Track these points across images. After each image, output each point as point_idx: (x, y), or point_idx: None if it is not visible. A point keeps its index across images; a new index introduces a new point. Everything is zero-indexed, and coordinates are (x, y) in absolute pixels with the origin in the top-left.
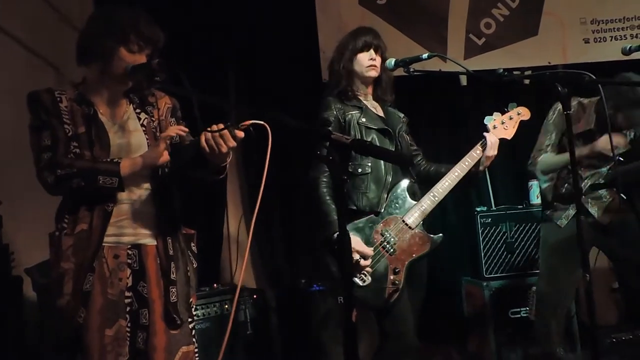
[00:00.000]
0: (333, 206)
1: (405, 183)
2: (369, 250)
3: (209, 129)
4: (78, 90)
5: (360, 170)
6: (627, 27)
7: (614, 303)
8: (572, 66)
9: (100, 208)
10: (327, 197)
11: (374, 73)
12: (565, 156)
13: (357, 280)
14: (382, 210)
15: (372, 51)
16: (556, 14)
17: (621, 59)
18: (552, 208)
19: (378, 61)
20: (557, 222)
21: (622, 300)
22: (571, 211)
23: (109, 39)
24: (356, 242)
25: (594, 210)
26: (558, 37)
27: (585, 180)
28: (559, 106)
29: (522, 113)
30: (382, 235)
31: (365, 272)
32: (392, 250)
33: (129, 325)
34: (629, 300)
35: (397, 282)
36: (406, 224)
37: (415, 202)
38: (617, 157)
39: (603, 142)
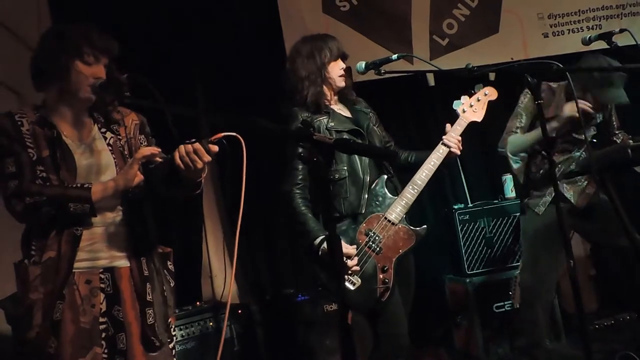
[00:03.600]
0: (310, 215)
1: (382, 179)
2: (352, 249)
3: (182, 146)
4: (39, 113)
5: (337, 175)
6: (582, 20)
7: (592, 290)
8: (534, 60)
9: (68, 233)
10: (303, 207)
11: (344, 82)
12: (533, 134)
13: (347, 284)
14: (363, 211)
15: (340, 61)
16: (514, 11)
17: (581, 50)
18: (529, 196)
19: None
20: (535, 209)
21: (601, 287)
22: (548, 197)
23: (62, 55)
24: None
25: (569, 195)
26: (518, 34)
27: (559, 165)
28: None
29: (489, 93)
30: (367, 235)
31: (354, 275)
32: (378, 249)
33: (105, 351)
34: (607, 285)
35: (386, 280)
36: (389, 221)
37: (395, 197)
38: (591, 140)
39: (569, 107)
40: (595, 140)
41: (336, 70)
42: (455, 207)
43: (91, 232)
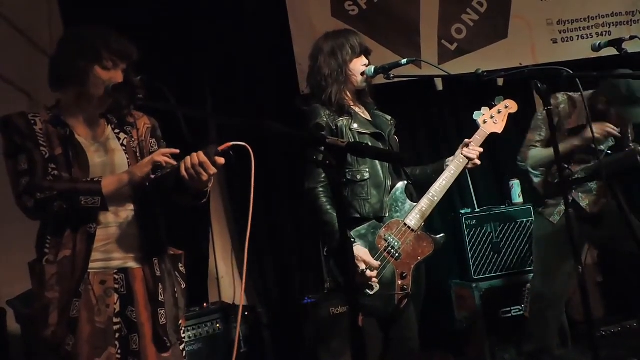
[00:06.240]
0: (335, 214)
1: (402, 185)
2: (375, 263)
3: (188, 158)
4: (52, 113)
5: (359, 177)
6: (592, 26)
7: (599, 297)
8: (544, 66)
9: (82, 231)
10: (329, 207)
11: (367, 78)
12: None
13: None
14: (387, 214)
15: (362, 57)
16: (523, 17)
17: (590, 57)
18: (544, 204)
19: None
20: (550, 218)
21: (608, 293)
22: (563, 207)
23: (81, 59)
24: (363, 252)
25: (584, 203)
26: (527, 39)
27: (576, 175)
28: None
29: (509, 106)
30: (386, 240)
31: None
32: (397, 255)
33: (119, 352)
34: (614, 292)
35: (405, 287)
36: (408, 227)
37: (414, 204)
38: (605, 151)
39: (596, 128)
40: (610, 152)
41: (358, 66)
42: (462, 212)
43: (105, 233)
